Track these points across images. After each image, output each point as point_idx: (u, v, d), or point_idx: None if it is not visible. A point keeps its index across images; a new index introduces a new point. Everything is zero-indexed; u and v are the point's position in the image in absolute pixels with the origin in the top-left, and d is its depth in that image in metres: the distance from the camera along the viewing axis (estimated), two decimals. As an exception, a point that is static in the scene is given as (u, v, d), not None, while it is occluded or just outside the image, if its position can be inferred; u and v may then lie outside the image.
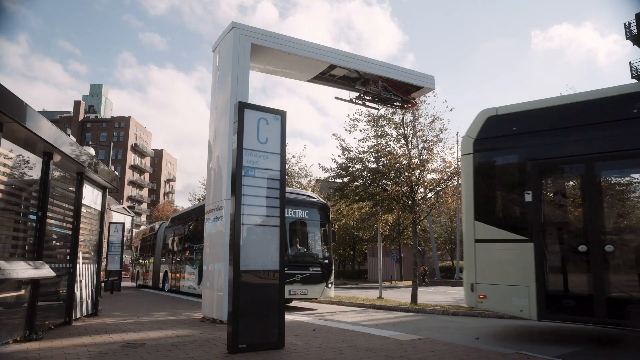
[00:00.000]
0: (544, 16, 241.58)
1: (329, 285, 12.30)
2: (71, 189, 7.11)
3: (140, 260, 24.13)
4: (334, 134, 20.68)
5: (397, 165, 14.26)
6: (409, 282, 30.00)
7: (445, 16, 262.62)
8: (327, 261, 12.64)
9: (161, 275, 18.75)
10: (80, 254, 7.37)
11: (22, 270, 4.98)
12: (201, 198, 35.75)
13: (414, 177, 14.21)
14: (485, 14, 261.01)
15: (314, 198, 13.99)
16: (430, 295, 19.90)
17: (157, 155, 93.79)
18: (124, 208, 61.05)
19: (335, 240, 13.87)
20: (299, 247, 12.61)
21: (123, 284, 21.67)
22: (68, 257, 6.97)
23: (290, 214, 12.12)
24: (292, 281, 11.36)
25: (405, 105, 11.59)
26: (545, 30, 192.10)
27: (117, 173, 10.72)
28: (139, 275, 23.60)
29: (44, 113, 57.36)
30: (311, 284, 11.81)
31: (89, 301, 8.10)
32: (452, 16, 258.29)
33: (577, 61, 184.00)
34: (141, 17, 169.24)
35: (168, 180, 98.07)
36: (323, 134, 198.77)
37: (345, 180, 15.24)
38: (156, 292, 17.54)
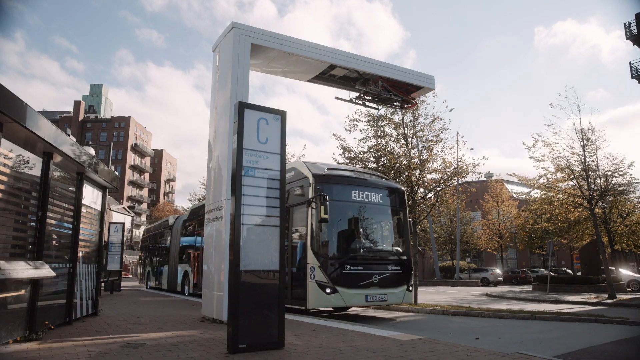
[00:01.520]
0: (547, 12, 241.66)
1: (410, 289, 10.08)
2: (71, 189, 7.10)
3: (152, 260, 21.69)
4: (334, 134, 20.70)
5: (397, 165, 14.28)
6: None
7: (448, 12, 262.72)
8: (406, 257, 10.31)
9: (179, 276, 16.47)
10: (80, 254, 7.37)
11: (22, 270, 4.98)
12: (201, 198, 35.71)
13: (413, 177, 14.22)
14: (488, 10, 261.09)
15: (387, 179, 12.10)
16: (430, 295, 19.90)
17: (157, 155, 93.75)
18: (124, 208, 61.08)
19: (412, 231, 11.58)
20: (372, 240, 10.31)
21: (124, 284, 21.63)
22: (68, 257, 6.97)
23: (362, 197, 9.91)
24: (369, 284, 9.24)
25: (405, 105, 11.59)
26: (549, 27, 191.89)
27: (117, 173, 10.69)
28: (150, 277, 21.34)
29: (44, 113, 57.49)
30: (391, 287, 9.55)
31: (89, 301, 8.09)
32: (455, 12, 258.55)
33: (581, 58, 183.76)
34: (138, 13, 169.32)
35: (168, 180, 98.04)
36: (323, 133, 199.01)
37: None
38: (169, 295, 15.79)
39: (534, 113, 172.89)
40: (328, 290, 8.80)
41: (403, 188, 11.47)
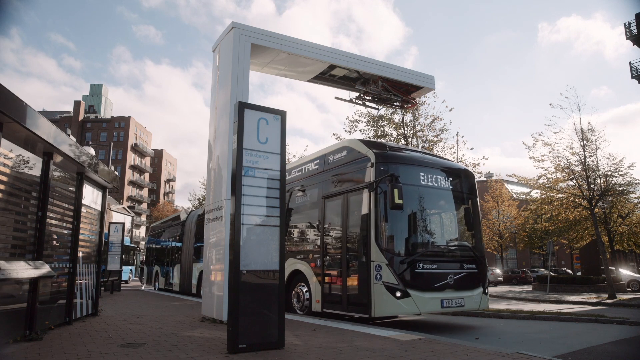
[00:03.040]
0: (552, 8, 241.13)
1: (486, 292, 8.52)
2: (71, 189, 7.11)
3: (160, 259, 20.46)
4: (334, 134, 20.73)
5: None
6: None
7: (450, 8, 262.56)
8: (480, 254, 8.74)
9: (194, 276, 15.03)
10: (80, 254, 7.38)
11: (22, 270, 4.98)
12: (201, 198, 35.73)
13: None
14: (491, 5, 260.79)
15: (452, 161, 10.59)
16: (430, 295, 19.87)
17: (157, 155, 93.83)
18: (124, 208, 61.07)
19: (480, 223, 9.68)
20: (444, 232, 8.92)
21: (124, 284, 21.56)
22: (68, 257, 6.97)
23: (431, 181, 8.35)
24: (444, 285, 7.77)
25: (405, 105, 11.60)
26: (553, 23, 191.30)
27: (117, 173, 10.68)
28: (158, 277, 20.08)
29: (44, 113, 57.48)
30: (467, 290, 8.08)
31: (89, 301, 8.10)
32: (457, 8, 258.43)
33: (585, 54, 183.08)
34: (135, 9, 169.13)
35: (168, 180, 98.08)
36: (323, 131, 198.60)
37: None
38: (181, 298, 14.52)
39: (536, 111, 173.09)
40: (398, 294, 7.29)
41: (472, 171, 9.57)
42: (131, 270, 25.73)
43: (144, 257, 28.14)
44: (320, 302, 8.66)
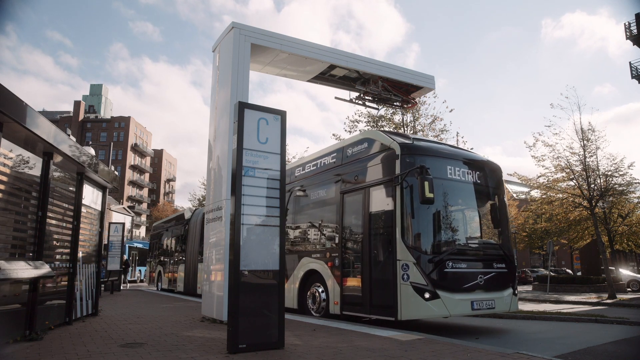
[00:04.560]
0: (555, 4, 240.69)
1: (516, 293, 8.12)
2: (71, 189, 7.11)
3: (163, 259, 20.24)
4: (334, 134, 20.76)
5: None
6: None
7: (452, 3, 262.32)
8: (509, 252, 8.30)
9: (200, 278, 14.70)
10: (80, 254, 7.38)
11: (22, 270, 4.98)
12: (201, 198, 35.72)
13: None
14: (493, 1, 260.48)
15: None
16: (430, 295, 19.83)
17: (157, 155, 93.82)
18: (124, 208, 61.08)
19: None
20: (472, 230, 8.49)
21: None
22: (68, 257, 6.97)
23: (458, 175, 7.91)
24: (474, 286, 7.35)
25: (405, 105, 11.60)
26: (557, 19, 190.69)
27: (117, 173, 10.67)
28: (161, 277, 19.90)
29: (44, 113, 57.49)
30: (497, 291, 7.67)
31: (89, 301, 8.10)
32: (459, 4, 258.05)
33: (589, 51, 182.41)
34: (132, 5, 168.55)
35: (168, 180, 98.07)
36: (323, 130, 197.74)
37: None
38: (185, 299, 14.17)
39: (538, 110, 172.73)
40: (427, 295, 6.85)
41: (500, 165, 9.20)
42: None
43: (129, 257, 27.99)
44: (339, 303, 8.18)
